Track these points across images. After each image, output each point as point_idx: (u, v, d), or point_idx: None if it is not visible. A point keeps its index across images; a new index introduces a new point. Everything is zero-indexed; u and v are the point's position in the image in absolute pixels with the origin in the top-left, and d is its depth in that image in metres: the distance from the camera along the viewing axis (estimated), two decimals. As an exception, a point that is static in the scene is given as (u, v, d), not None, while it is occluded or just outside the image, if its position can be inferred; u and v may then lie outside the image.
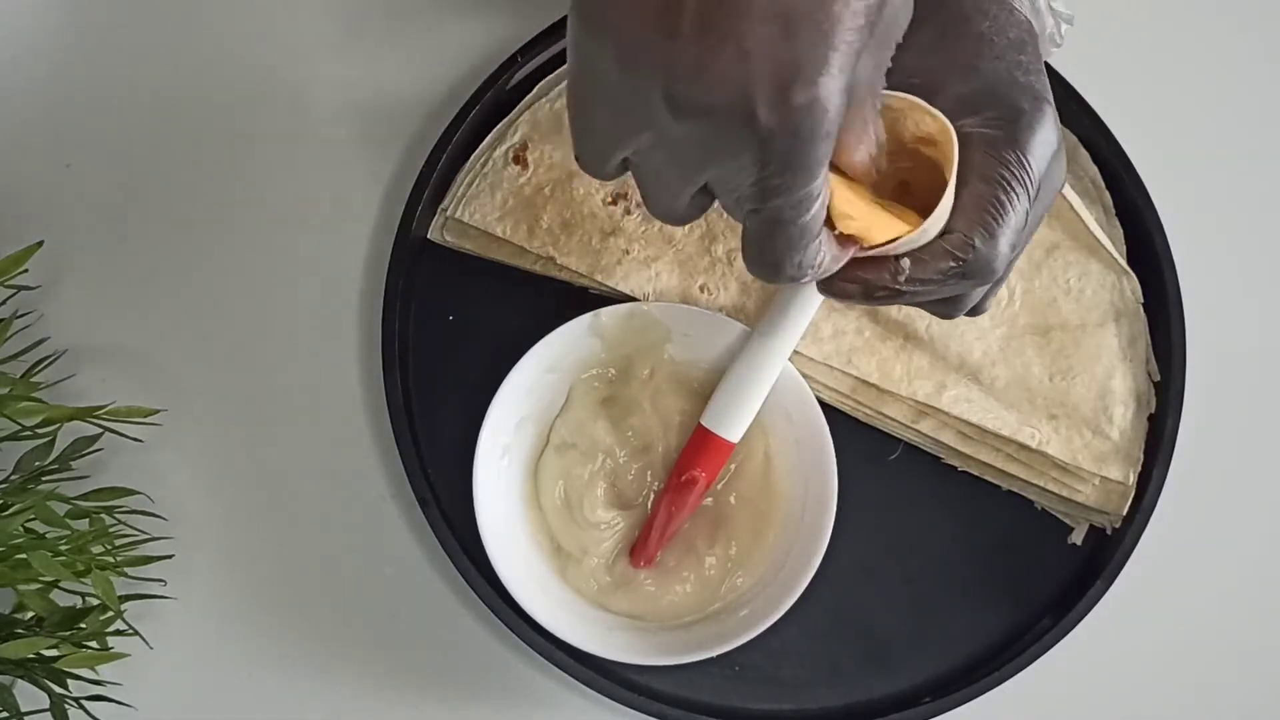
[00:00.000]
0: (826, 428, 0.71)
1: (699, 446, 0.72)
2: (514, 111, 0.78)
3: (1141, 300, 0.76)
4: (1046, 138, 0.60)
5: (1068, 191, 0.76)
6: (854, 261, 0.57)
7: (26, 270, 0.71)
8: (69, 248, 0.77)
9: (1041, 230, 0.76)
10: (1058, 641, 0.72)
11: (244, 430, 0.77)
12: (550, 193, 0.76)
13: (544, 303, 0.76)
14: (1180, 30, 0.83)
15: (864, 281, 0.59)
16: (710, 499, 0.74)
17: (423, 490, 0.73)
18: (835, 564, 0.71)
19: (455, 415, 0.75)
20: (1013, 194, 0.59)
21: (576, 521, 0.73)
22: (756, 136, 0.48)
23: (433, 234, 0.77)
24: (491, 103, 0.77)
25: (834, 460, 0.71)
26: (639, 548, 0.73)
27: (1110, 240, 0.76)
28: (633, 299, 0.75)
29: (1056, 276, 0.76)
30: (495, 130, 0.77)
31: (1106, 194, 0.77)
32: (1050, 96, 0.61)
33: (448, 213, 0.76)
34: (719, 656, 0.70)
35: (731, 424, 0.72)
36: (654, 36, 0.47)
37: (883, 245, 0.57)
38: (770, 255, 0.54)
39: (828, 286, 0.60)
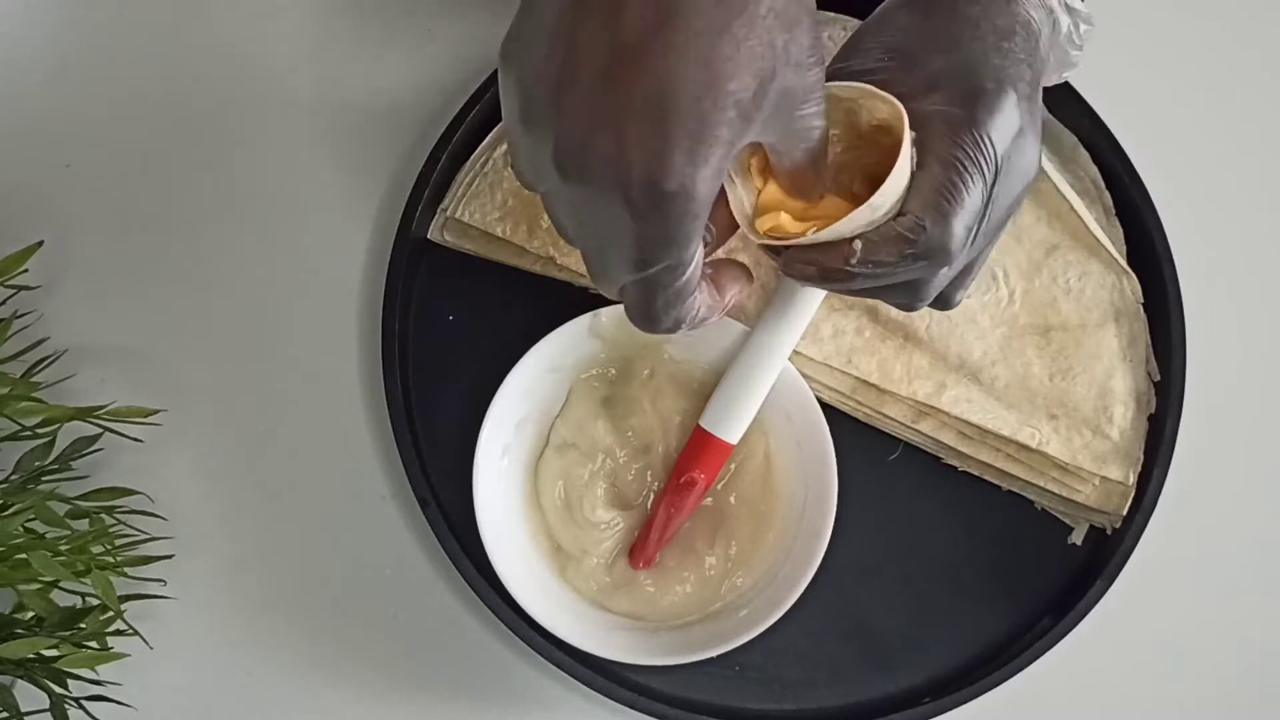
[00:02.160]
0: (826, 428, 0.71)
1: (698, 448, 0.72)
2: (514, 111, 0.78)
3: (1142, 300, 0.76)
4: (1008, 120, 0.60)
5: (1068, 192, 0.76)
6: (811, 245, 0.59)
7: (27, 270, 0.71)
8: (69, 248, 0.77)
9: (1041, 230, 0.76)
10: (1058, 641, 0.72)
11: (244, 430, 0.77)
12: (550, 193, 0.76)
13: (544, 302, 0.76)
14: (1179, 30, 0.83)
15: (818, 263, 0.60)
16: (710, 499, 0.74)
17: (423, 490, 0.73)
18: (835, 564, 0.71)
19: (455, 415, 0.75)
20: (967, 176, 0.59)
21: (576, 521, 0.73)
22: (630, 214, 0.52)
23: (433, 234, 0.77)
24: (491, 102, 0.77)
25: (834, 460, 0.71)
26: (638, 549, 0.73)
27: (1110, 240, 0.76)
28: (633, 299, 0.75)
29: (1056, 276, 0.76)
30: (495, 130, 0.77)
31: (1107, 194, 0.77)
32: (1024, 81, 0.60)
33: (448, 213, 0.76)
34: (719, 656, 0.70)
35: (730, 425, 0.72)
36: (546, 108, 0.51)
37: (821, 230, 0.58)
38: (649, 313, 0.59)
39: (787, 268, 0.62)
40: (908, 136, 0.57)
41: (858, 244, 0.59)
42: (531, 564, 0.73)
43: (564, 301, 0.75)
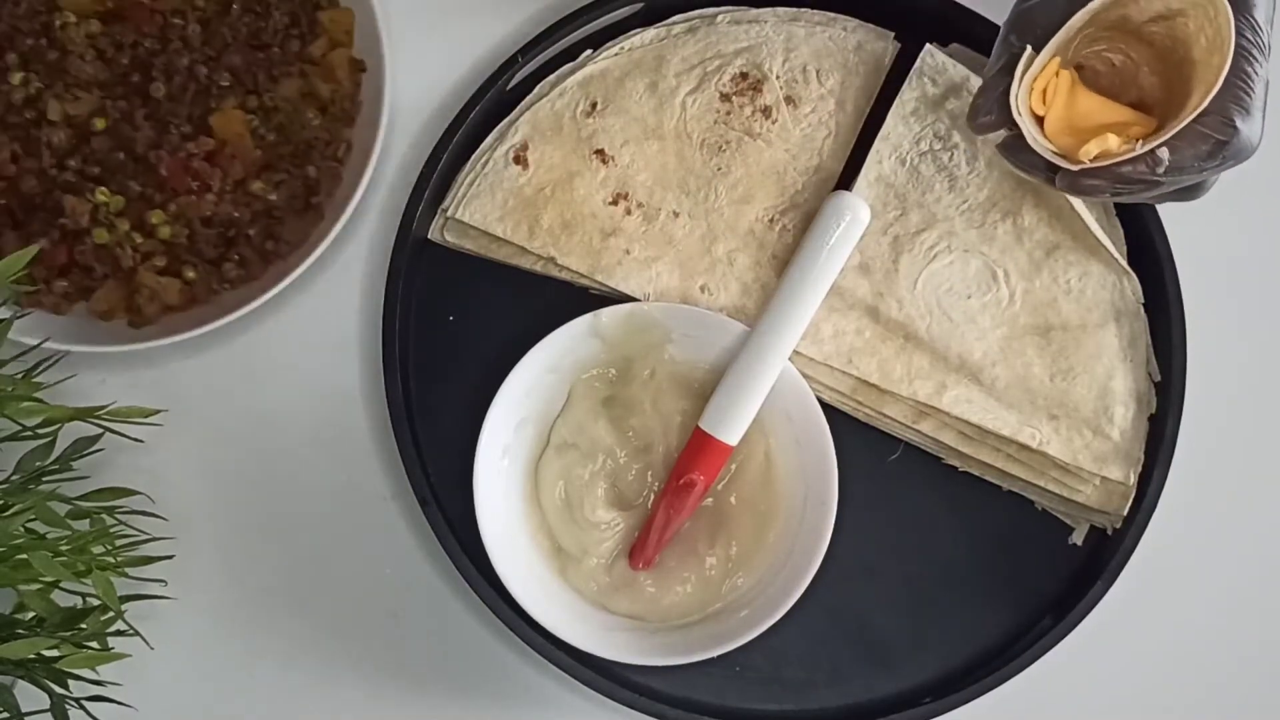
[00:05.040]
0: (827, 428, 0.71)
1: (697, 449, 0.72)
2: (514, 112, 0.78)
3: (1142, 300, 0.76)
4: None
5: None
6: (1113, 161, 0.58)
7: (27, 270, 0.70)
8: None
9: (1042, 230, 0.76)
10: (1058, 641, 0.72)
11: (244, 431, 0.77)
12: (551, 193, 0.76)
13: (544, 303, 0.76)
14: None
15: (1120, 176, 0.58)
16: (711, 499, 0.74)
17: (423, 490, 0.73)
18: (836, 564, 0.71)
19: (455, 415, 0.75)
20: (1256, 63, 0.57)
21: (577, 522, 0.73)
22: None
23: (433, 234, 0.77)
24: (492, 103, 0.77)
25: (834, 460, 0.71)
26: (638, 549, 0.73)
27: (1111, 240, 0.76)
28: (633, 299, 0.75)
29: (1057, 276, 0.76)
30: (495, 130, 0.77)
31: (1106, 194, 0.77)
32: None
33: (448, 213, 0.76)
34: (719, 657, 0.70)
35: (730, 426, 0.72)
36: None
37: (1148, 142, 0.57)
38: None
39: (1074, 184, 0.60)
40: (1232, 31, 0.55)
41: (1163, 152, 0.57)
42: (532, 564, 0.73)
43: (564, 302, 0.76)
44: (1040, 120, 0.61)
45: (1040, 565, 0.76)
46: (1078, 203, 0.75)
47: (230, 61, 0.75)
